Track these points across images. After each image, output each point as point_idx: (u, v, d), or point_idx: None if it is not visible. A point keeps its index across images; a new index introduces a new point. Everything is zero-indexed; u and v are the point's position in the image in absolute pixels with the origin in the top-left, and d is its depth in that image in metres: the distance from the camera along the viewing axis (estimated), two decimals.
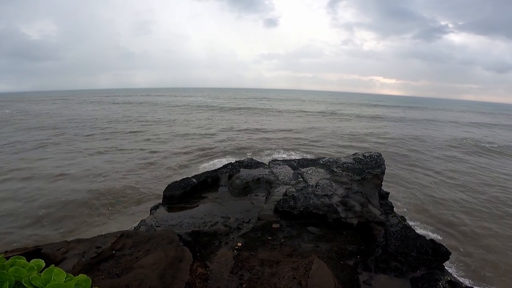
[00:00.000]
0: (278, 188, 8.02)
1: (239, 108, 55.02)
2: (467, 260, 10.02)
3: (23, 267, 1.07)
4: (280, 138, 27.59)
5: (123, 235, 5.26)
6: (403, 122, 41.88)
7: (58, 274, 1.08)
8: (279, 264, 4.87)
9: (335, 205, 6.83)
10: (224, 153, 22.15)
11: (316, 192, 7.44)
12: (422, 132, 34.13)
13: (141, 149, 23.31)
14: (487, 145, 28.80)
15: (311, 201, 6.93)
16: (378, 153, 10.88)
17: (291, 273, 4.55)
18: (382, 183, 9.66)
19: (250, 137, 27.64)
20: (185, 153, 21.85)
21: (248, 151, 23.09)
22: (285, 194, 7.47)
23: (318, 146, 25.15)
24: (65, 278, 1.11)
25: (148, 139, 27.37)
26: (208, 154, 21.81)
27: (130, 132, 31.81)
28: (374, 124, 39.66)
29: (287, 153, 22.55)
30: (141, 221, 7.02)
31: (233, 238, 5.96)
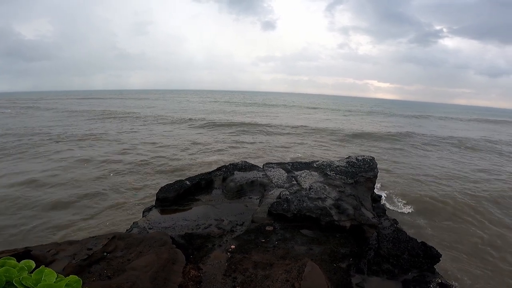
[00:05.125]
0: (272, 191, 8.03)
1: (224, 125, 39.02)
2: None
3: (14, 268, 1.06)
4: None
5: (114, 237, 5.20)
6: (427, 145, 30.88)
7: (49, 274, 1.07)
8: (272, 266, 4.87)
9: (328, 208, 6.86)
10: None
11: (310, 195, 7.47)
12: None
13: None
14: None
15: (304, 204, 6.95)
16: (371, 156, 10.98)
17: (284, 275, 4.54)
18: (375, 186, 9.75)
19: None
20: None
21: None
22: (278, 197, 7.49)
23: None
24: (56, 279, 1.10)
25: None
26: None
27: None
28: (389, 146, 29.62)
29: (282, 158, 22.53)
30: (133, 223, 6.95)
31: (227, 240, 5.94)
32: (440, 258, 6.59)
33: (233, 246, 5.64)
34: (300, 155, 23.48)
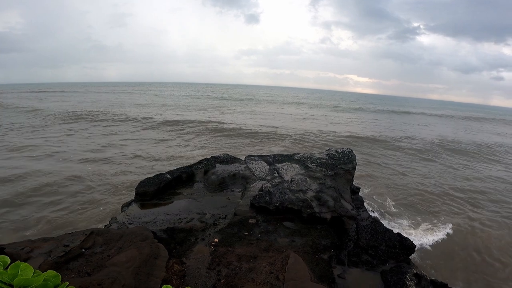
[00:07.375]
0: (254, 184, 8.04)
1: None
2: None
3: None
4: None
5: (92, 232, 5.03)
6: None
7: (25, 269, 1.00)
8: (256, 259, 4.89)
9: (309, 200, 6.96)
10: None
11: (291, 188, 7.55)
12: None
13: None
14: None
15: (286, 197, 7.01)
16: (350, 149, 11.22)
17: (268, 268, 4.58)
18: (353, 178, 9.99)
19: None
20: None
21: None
22: (261, 190, 7.51)
23: None
24: (33, 274, 1.03)
25: None
26: None
27: None
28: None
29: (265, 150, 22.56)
30: (112, 218, 6.74)
31: (210, 234, 5.89)
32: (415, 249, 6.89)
33: (216, 240, 5.60)
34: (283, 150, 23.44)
